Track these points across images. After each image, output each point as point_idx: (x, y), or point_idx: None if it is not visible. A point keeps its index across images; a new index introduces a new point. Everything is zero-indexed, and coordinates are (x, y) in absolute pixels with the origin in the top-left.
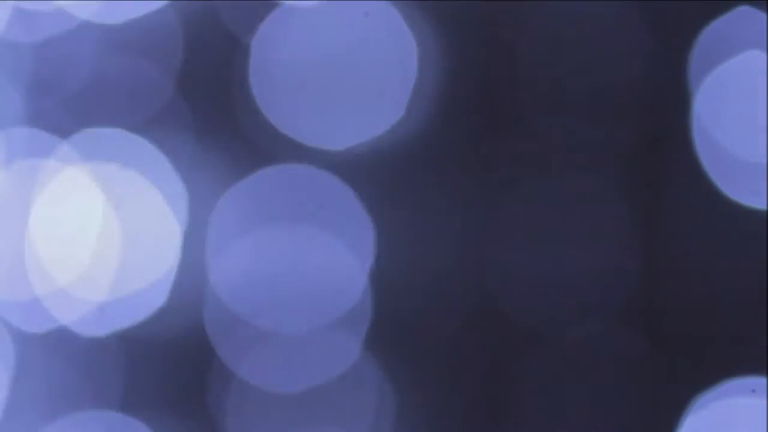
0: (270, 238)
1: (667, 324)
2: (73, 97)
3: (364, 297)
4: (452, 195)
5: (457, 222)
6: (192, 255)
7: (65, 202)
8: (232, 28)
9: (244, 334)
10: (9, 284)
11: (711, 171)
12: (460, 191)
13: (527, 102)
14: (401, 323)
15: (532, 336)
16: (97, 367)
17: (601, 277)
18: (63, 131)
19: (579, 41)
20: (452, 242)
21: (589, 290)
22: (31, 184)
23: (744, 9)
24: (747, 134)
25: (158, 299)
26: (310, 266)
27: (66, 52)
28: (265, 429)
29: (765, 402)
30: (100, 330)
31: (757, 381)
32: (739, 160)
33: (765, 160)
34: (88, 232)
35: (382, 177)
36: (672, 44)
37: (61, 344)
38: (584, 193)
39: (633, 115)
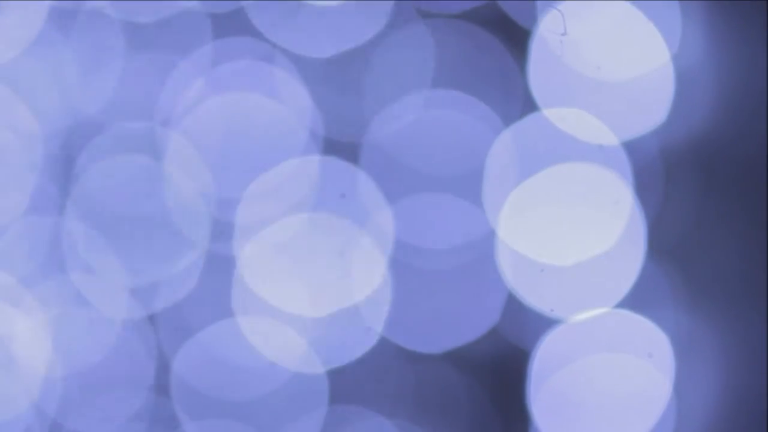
0: (293, 225)
1: (668, 314)
2: (107, 92)
3: (383, 282)
4: (466, 186)
5: (472, 211)
6: (221, 243)
7: (101, 192)
8: (259, 26)
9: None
10: (48, 270)
11: (712, 166)
12: (473, 183)
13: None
14: (419, 308)
15: (545, 320)
16: (129, 350)
17: (606, 265)
18: (98, 125)
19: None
20: (468, 230)
21: (596, 277)
22: (68, 176)
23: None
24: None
25: (187, 284)
26: (331, 252)
27: (101, 49)
28: (288, 408)
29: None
30: (133, 314)
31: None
32: (739, 156)
33: (764, 157)
34: (121, 220)
35: (402, 169)
36: (676, 42)
37: (95, 327)
38: (590, 185)
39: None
